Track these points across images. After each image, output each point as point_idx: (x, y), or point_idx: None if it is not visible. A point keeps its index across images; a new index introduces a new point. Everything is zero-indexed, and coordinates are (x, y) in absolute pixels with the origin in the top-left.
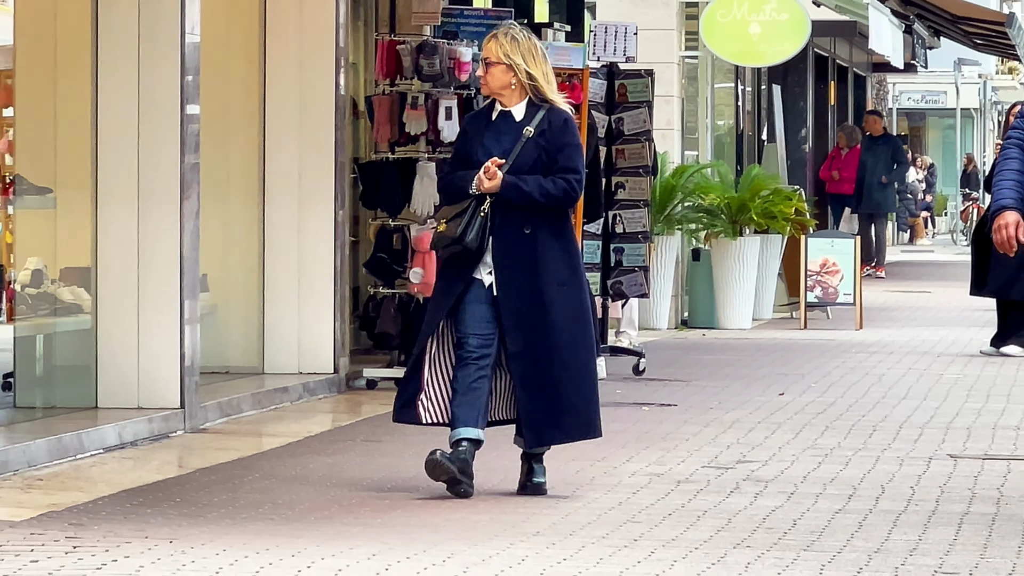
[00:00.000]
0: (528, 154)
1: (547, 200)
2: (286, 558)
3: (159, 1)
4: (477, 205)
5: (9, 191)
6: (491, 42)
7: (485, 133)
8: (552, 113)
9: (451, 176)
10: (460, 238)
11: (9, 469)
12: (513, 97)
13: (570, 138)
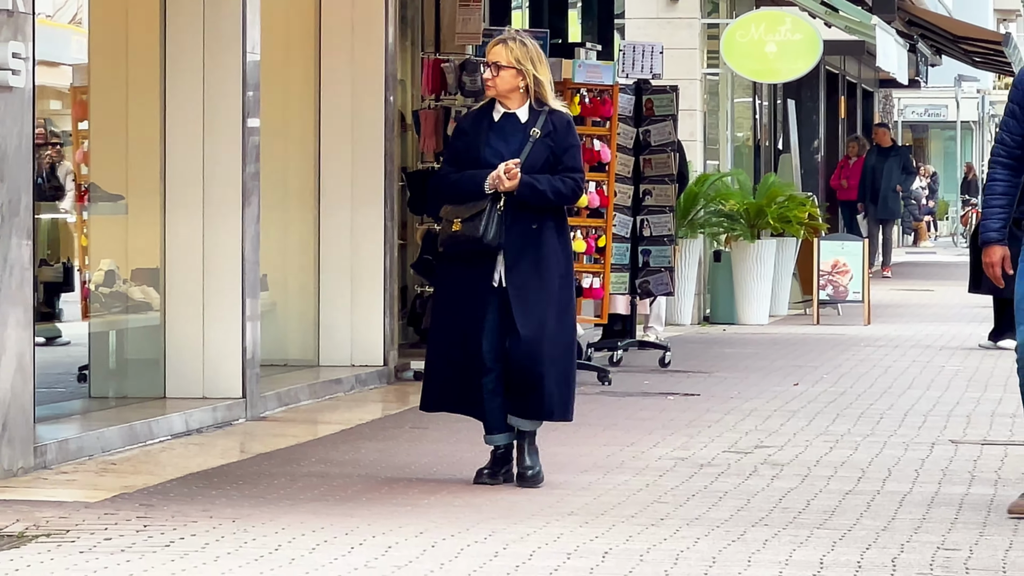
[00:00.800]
0: (538, 154)
1: (558, 198)
2: (340, 536)
3: (222, 22)
4: (494, 204)
5: (84, 198)
6: (500, 47)
7: (489, 134)
8: (555, 116)
9: (457, 176)
10: (482, 237)
11: (84, 454)
12: (517, 100)
13: (573, 139)
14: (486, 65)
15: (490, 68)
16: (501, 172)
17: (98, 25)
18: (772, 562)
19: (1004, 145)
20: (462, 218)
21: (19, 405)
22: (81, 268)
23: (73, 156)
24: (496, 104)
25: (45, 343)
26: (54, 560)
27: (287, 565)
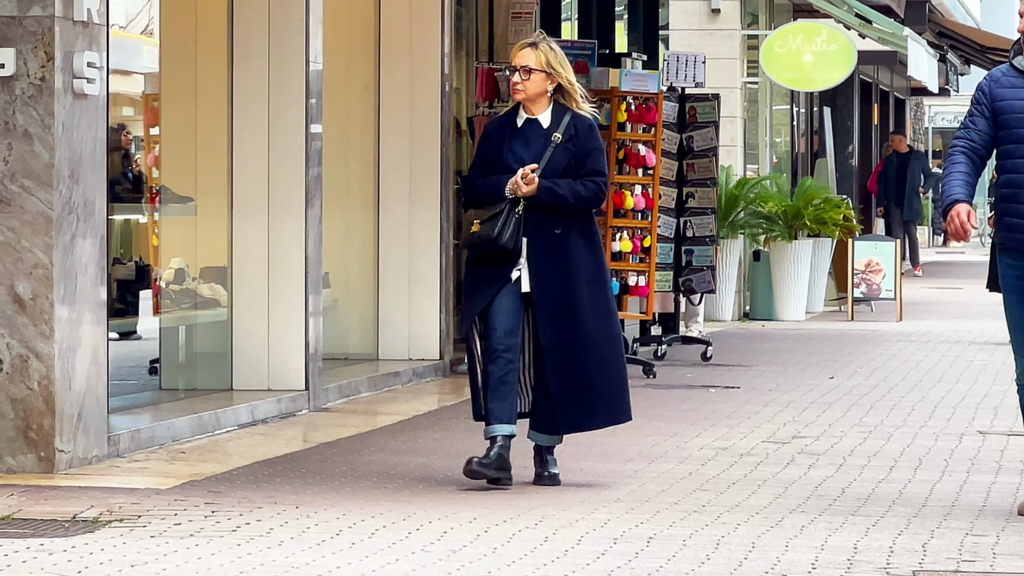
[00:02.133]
0: (559, 159)
1: (579, 202)
2: (398, 521)
3: (286, 33)
4: (512, 207)
5: (155, 200)
6: (528, 50)
7: (513, 140)
8: (577, 119)
9: (482, 181)
10: (496, 238)
11: (156, 443)
12: (542, 104)
13: (596, 143)
14: (513, 69)
15: (519, 71)
16: (518, 177)
17: (168, 35)
18: (808, 547)
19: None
20: (481, 220)
21: (94, 396)
22: (152, 266)
23: (145, 160)
24: (520, 110)
25: (118, 338)
26: (126, 544)
27: (347, 549)
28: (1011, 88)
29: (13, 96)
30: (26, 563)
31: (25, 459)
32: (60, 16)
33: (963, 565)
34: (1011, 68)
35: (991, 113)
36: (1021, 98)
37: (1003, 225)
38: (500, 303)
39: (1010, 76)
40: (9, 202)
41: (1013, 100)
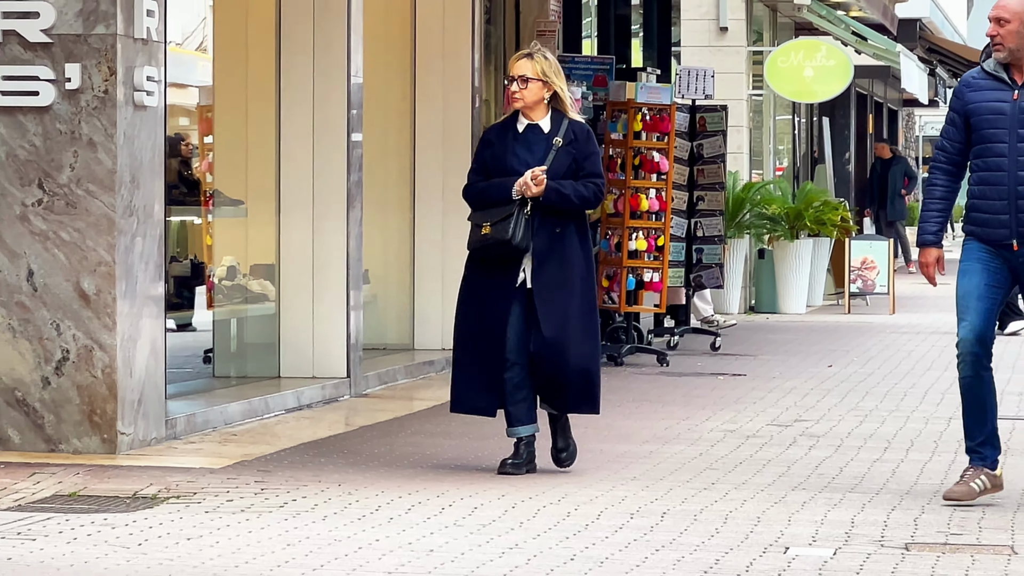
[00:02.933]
0: (561, 162)
1: (581, 202)
2: (432, 497)
3: (330, 50)
4: (521, 208)
5: (209, 203)
6: (525, 60)
7: (515, 144)
8: (576, 125)
9: (485, 184)
10: (510, 240)
11: (209, 426)
12: (540, 111)
13: (593, 147)
14: (511, 79)
15: (516, 81)
16: (528, 179)
17: (221, 51)
18: (809, 521)
19: (944, 151)
20: (491, 222)
21: (152, 383)
22: (206, 264)
23: (199, 166)
24: (519, 116)
25: (175, 329)
26: (183, 519)
27: (386, 524)
28: (980, 91)
29: (79, 108)
30: (91, 536)
31: (90, 441)
32: (122, 34)
33: (951, 538)
34: (981, 71)
35: (963, 118)
36: (989, 100)
37: (973, 220)
38: (513, 318)
39: (980, 79)
40: (75, 205)
41: (982, 102)
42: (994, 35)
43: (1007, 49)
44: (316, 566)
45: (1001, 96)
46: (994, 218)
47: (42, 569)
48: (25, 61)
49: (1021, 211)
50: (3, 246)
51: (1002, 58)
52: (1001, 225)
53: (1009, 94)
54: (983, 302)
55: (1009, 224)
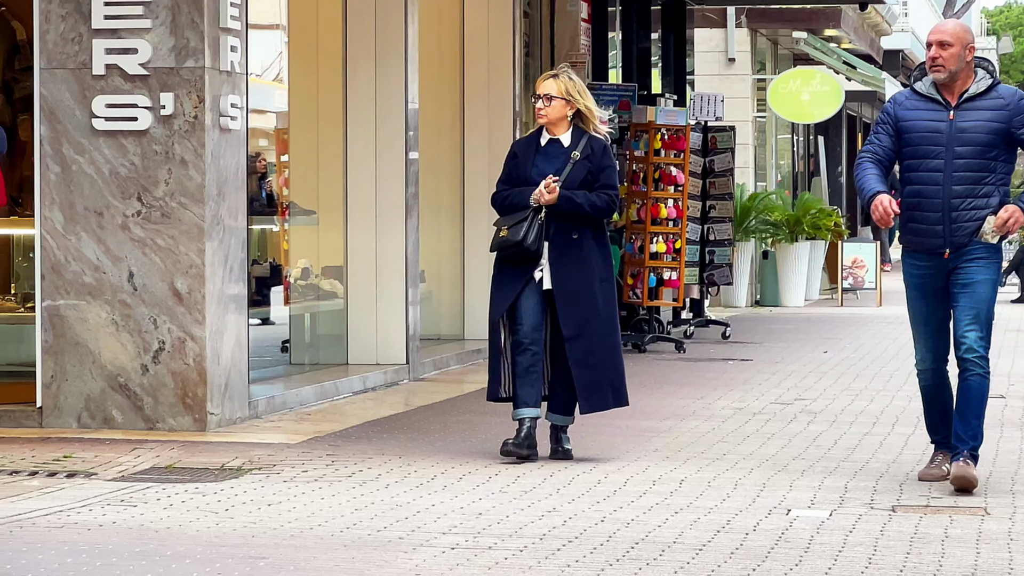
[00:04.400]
0: (577, 173)
1: (593, 211)
2: (480, 468)
3: (389, 79)
4: (535, 214)
5: (285, 213)
6: (551, 80)
7: (537, 156)
8: (593, 140)
9: (508, 192)
10: (522, 241)
11: (287, 407)
12: (563, 126)
13: (609, 161)
14: (537, 96)
15: (542, 99)
16: (542, 187)
17: (295, 81)
18: (808, 487)
19: (873, 152)
20: (508, 225)
21: (237, 370)
22: (283, 266)
23: (277, 181)
24: (543, 131)
25: (258, 323)
26: (264, 488)
27: (440, 491)
28: (914, 110)
29: (172, 131)
30: (184, 503)
31: (183, 420)
32: (209, 67)
33: (932, 501)
34: (913, 92)
35: (895, 132)
36: (924, 119)
37: (908, 230)
38: (526, 302)
39: (913, 99)
40: (170, 215)
41: (917, 121)
42: (936, 57)
43: (948, 71)
44: (380, 527)
45: (937, 116)
46: (929, 228)
47: (142, 532)
48: (126, 91)
49: (954, 222)
50: (107, 251)
51: (943, 79)
52: (935, 235)
53: (945, 114)
54: (930, 326)
55: (943, 234)
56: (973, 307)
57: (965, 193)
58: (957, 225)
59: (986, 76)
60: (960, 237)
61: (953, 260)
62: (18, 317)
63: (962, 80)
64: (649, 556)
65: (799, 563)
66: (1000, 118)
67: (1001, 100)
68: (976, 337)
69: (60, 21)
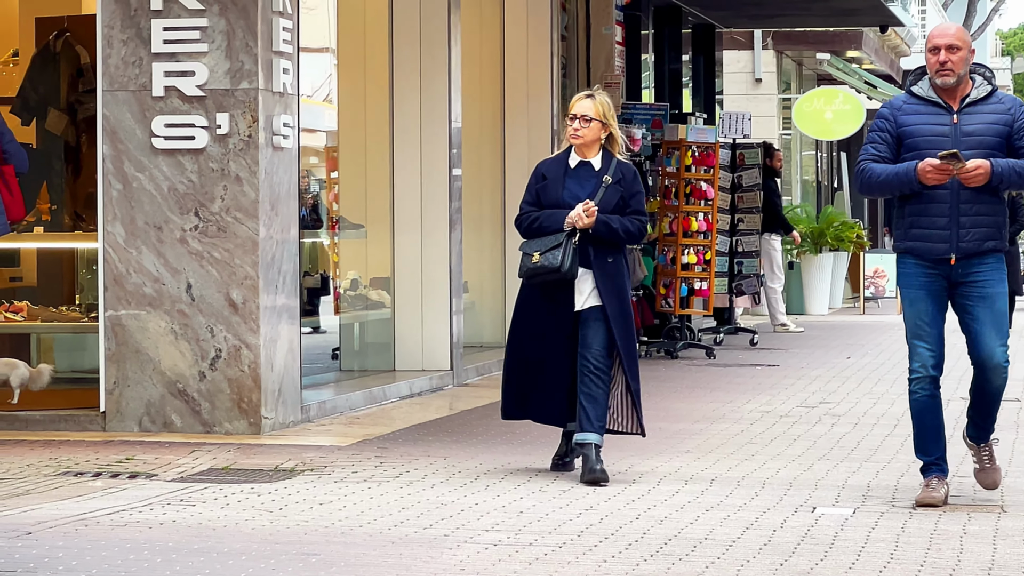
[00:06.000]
0: (609, 198)
1: (627, 236)
2: (521, 469)
3: (434, 99)
4: (569, 239)
5: (335, 227)
6: (588, 101)
7: (567, 179)
8: (623, 165)
9: (537, 214)
10: (560, 267)
11: (337, 411)
12: (594, 149)
13: (639, 186)
14: (573, 117)
15: (579, 119)
16: (580, 211)
17: (344, 102)
18: (833, 486)
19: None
20: (541, 251)
21: (290, 376)
22: (333, 277)
23: (327, 197)
24: (572, 152)
25: (309, 332)
26: (316, 487)
27: (483, 490)
28: (915, 115)
29: (227, 149)
30: (240, 502)
31: (239, 424)
32: (263, 88)
33: (951, 499)
34: (911, 95)
35: (895, 138)
36: (927, 123)
37: (911, 236)
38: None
39: (911, 103)
40: (225, 229)
41: (920, 125)
42: (946, 62)
43: (957, 75)
44: (426, 525)
45: (940, 120)
46: (936, 233)
47: (200, 530)
48: (183, 112)
49: (962, 227)
50: (166, 264)
51: (952, 84)
52: (942, 240)
53: (948, 118)
54: (934, 328)
55: (950, 239)
56: (994, 321)
57: (974, 198)
58: (966, 231)
59: (984, 82)
60: (969, 243)
61: (960, 267)
62: (83, 326)
63: (963, 84)
64: (681, 552)
65: (824, 558)
66: (1003, 122)
67: (1002, 105)
68: (1003, 352)
69: (122, 46)
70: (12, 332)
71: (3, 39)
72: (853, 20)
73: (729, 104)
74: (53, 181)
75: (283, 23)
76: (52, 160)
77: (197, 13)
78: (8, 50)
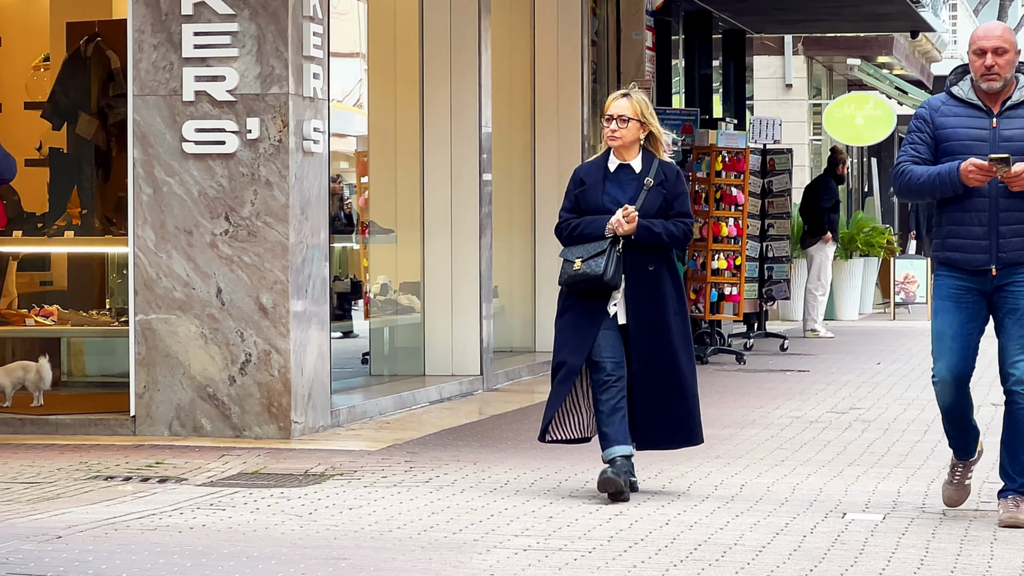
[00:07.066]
0: (652, 201)
1: (671, 240)
2: (551, 474)
3: (464, 105)
4: (612, 246)
5: (365, 231)
6: (624, 100)
7: (607, 183)
8: (665, 166)
9: (577, 221)
10: (603, 275)
11: (367, 416)
12: (634, 150)
13: (683, 187)
14: (610, 117)
15: (616, 120)
16: (620, 216)
17: (375, 106)
18: (863, 491)
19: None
20: (583, 258)
21: (320, 381)
22: (363, 282)
23: (357, 201)
24: (611, 155)
25: (339, 336)
26: (346, 492)
27: (513, 495)
28: (954, 116)
29: (258, 154)
30: (270, 506)
31: (269, 428)
32: (293, 93)
33: (981, 506)
34: (950, 96)
35: (933, 140)
36: (965, 126)
37: (948, 246)
38: (606, 338)
39: (950, 104)
40: (255, 234)
41: (958, 128)
42: (992, 65)
43: (1003, 79)
44: (456, 530)
45: (979, 123)
46: (974, 243)
47: (230, 534)
48: (214, 116)
49: (1002, 236)
50: (196, 268)
51: (997, 88)
52: (980, 251)
53: (987, 121)
54: (958, 340)
55: (989, 249)
56: (1022, 336)
57: (1014, 206)
58: (1005, 240)
59: None
60: (1009, 253)
61: (1000, 278)
62: (113, 330)
63: (1007, 86)
64: (711, 557)
65: (854, 564)
66: None
67: None
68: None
69: (152, 50)
70: (43, 336)
71: (34, 44)
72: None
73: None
74: (83, 185)
75: (314, 28)
76: (83, 164)
77: (228, 18)
78: (39, 55)
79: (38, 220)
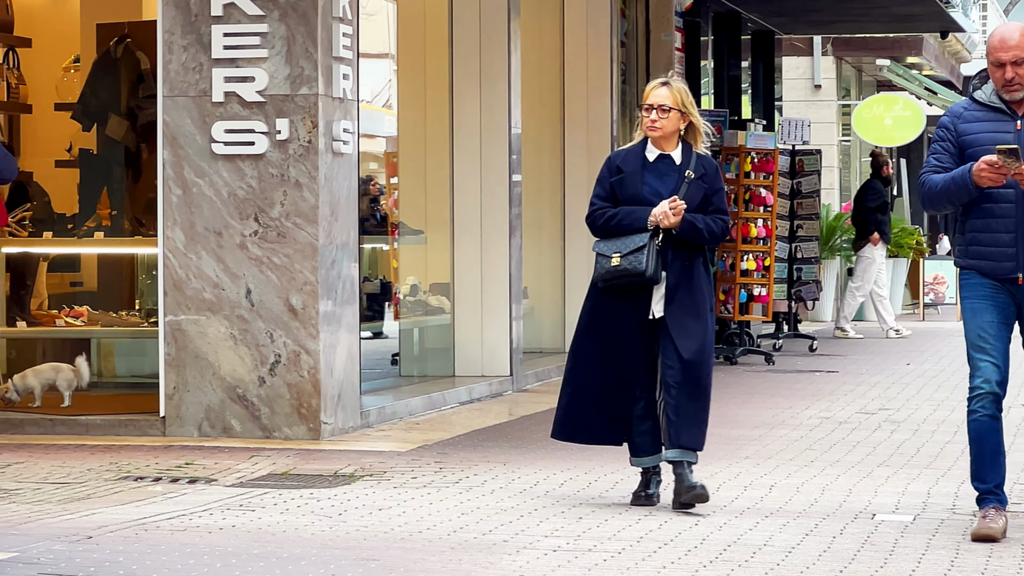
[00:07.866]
0: (693, 195)
1: (711, 237)
2: (580, 475)
3: (494, 105)
4: (652, 239)
5: (395, 232)
6: (664, 89)
7: (646, 173)
8: (704, 160)
9: (614, 212)
10: (644, 271)
11: (397, 417)
12: (673, 141)
13: (721, 183)
14: (649, 107)
15: (656, 110)
16: (667, 208)
17: (404, 107)
18: (893, 492)
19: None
20: (622, 253)
21: (350, 382)
22: (393, 283)
23: (387, 202)
24: (649, 144)
25: (369, 337)
26: (376, 493)
27: (542, 496)
28: (976, 122)
29: (287, 155)
30: (299, 507)
31: (298, 429)
32: (323, 94)
33: (1011, 506)
34: (972, 102)
35: (957, 148)
36: (989, 131)
37: (971, 254)
38: (642, 352)
39: (972, 110)
40: (285, 235)
41: (980, 133)
42: (1012, 78)
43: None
44: (486, 531)
45: (1003, 127)
46: (1000, 251)
47: (259, 535)
48: (243, 117)
49: None
50: (226, 269)
51: (1019, 97)
52: (1007, 258)
53: (1012, 124)
54: (1000, 341)
55: (1016, 257)
56: None
57: None
58: None
59: None
60: None
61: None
62: (142, 332)
63: None
64: (741, 558)
65: (884, 565)
66: None
67: None
68: None
69: (182, 51)
70: (73, 337)
71: (64, 45)
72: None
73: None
74: (113, 187)
75: (343, 28)
76: (112, 166)
77: (257, 19)
78: (69, 56)
79: (68, 221)
